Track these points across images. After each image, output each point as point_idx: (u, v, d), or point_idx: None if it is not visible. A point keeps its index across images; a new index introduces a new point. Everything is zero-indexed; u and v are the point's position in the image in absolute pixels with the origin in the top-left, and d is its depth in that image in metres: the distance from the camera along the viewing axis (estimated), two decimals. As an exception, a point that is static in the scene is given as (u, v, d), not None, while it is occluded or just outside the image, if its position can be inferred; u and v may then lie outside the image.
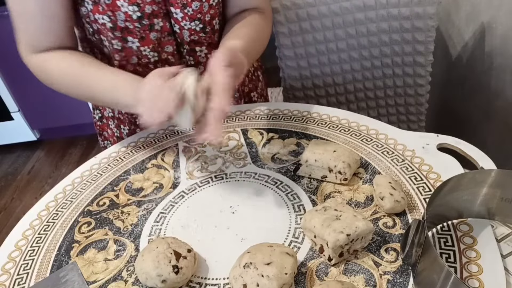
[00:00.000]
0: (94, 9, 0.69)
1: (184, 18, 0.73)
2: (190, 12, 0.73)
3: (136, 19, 0.70)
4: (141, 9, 0.69)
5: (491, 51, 1.01)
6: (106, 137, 0.93)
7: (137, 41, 0.73)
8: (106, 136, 0.93)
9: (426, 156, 0.64)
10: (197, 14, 0.73)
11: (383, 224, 0.55)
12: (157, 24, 0.73)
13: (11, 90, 2.05)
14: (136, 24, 0.71)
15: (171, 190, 0.66)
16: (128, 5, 0.68)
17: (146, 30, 0.72)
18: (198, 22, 0.75)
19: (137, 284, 0.52)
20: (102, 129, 0.92)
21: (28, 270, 0.56)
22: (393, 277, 0.48)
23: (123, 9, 0.68)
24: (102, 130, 0.92)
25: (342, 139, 0.71)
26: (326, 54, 1.07)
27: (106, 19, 0.69)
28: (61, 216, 0.64)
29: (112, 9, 0.68)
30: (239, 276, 0.47)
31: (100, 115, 0.92)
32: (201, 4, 0.72)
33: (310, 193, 0.62)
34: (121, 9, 0.68)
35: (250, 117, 0.81)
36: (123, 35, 0.72)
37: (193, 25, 0.75)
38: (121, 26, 0.71)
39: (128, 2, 0.68)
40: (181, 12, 0.72)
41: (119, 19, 0.69)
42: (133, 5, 0.68)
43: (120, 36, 0.72)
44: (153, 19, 0.72)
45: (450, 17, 1.13)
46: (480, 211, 0.54)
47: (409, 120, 1.16)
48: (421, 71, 1.04)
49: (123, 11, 0.68)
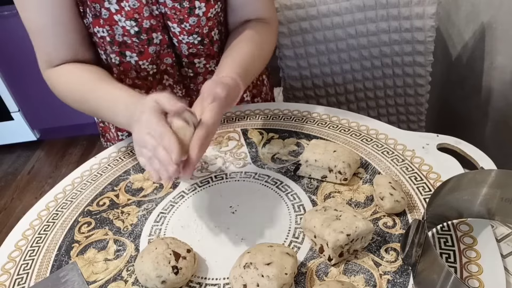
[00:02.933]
0: (94, 22, 0.68)
1: (181, 32, 0.72)
2: (187, 27, 0.72)
3: (134, 34, 0.69)
4: (139, 24, 0.68)
5: (491, 51, 1.01)
6: (109, 139, 0.92)
7: (136, 55, 0.72)
8: (109, 138, 0.92)
9: (426, 156, 0.64)
10: (195, 29, 0.72)
11: (383, 224, 0.55)
12: (156, 38, 0.72)
13: (11, 90, 2.05)
14: (134, 39, 0.70)
15: (171, 190, 0.66)
16: (125, 19, 0.67)
17: (144, 44, 0.71)
18: (196, 36, 0.74)
19: (137, 284, 0.52)
20: (104, 131, 0.92)
21: (28, 270, 0.56)
22: (393, 277, 0.48)
23: (120, 24, 0.68)
24: (105, 131, 0.92)
25: (342, 139, 0.71)
26: (326, 54, 1.06)
27: (105, 33, 0.69)
28: (61, 216, 0.64)
29: (109, 23, 0.68)
30: (239, 276, 0.47)
31: None
32: (198, 19, 0.71)
33: (310, 193, 0.62)
34: (118, 24, 0.68)
35: (250, 117, 0.81)
36: (121, 50, 0.71)
37: (191, 38, 0.74)
38: (119, 40, 0.70)
39: (125, 17, 0.67)
40: (178, 27, 0.71)
41: (117, 33, 0.69)
42: (131, 20, 0.67)
43: (118, 50, 0.71)
44: (152, 34, 0.71)
45: (450, 17, 1.13)
46: (480, 211, 0.54)
47: (409, 120, 1.16)
48: (421, 71, 1.04)
49: (121, 26, 0.68)
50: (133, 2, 0.67)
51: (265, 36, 0.75)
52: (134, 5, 0.67)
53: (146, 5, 0.68)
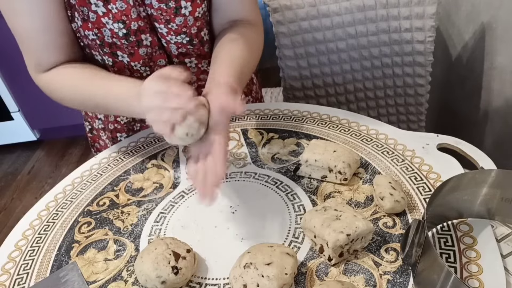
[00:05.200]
0: (83, 25, 0.68)
1: (169, 33, 0.72)
2: (174, 27, 0.71)
3: (122, 36, 0.69)
4: (127, 26, 0.68)
5: (491, 51, 1.01)
6: (99, 148, 0.92)
7: (127, 56, 0.72)
8: (99, 148, 0.92)
9: (426, 156, 0.64)
10: (182, 28, 0.72)
11: (383, 224, 0.55)
12: (146, 40, 0.71)
13: (11, 90, 2.05)
14: (123, 41, 0.69)
15: (171, 190, 0.66)
16: (113, 22, 0.67)
17: (134, 46, 0.71)
18: (184, 36, 0.73)
19: (137, 284, 0.52)
20: (93, 141, 0.92)
21: (28, 270, 0.56)
22: (393, 277, 0.48)
23: (108, 26, 0.67)
24: (94, 141, 0.92)
25: (342, 139, 0.71)
26: (326, 54, 1.06)
27: (94, 36, 0.69)
28: (61, 216, 0.64)
29: (98, 26, 0.67)
30: (239, 276, 0.47)
31: (90, 127, 0.91)
32: (185, 18, 0.71)
33: (310, 193, 0.62)
34: (106, 26, 0.67)
35: (250, 117, 0.81)
36: (112, 50, 0.71)
37: (179, 38, 0.73)
38: (109, 42, 0.69)
39: (113, 20, 0.67)
40: (165, 28, 0.71)
41: (106, 35, 0.68)
42: (118, 22, 0.67)
43: (110, 51, 0.71)
44: (140, 35, 0.70)
45: (450, 17, 1.13)
46: (480, 211, 0.54)
47: (409, 120, 1.16)
48: (421, 71, 1.04)
49: (109, 28, 0.67)
50: (120, 4, 0.66)
51: (253, 38, 0.75)
52: (121, 7, 0.66)
53: (133, 6, 0.67)
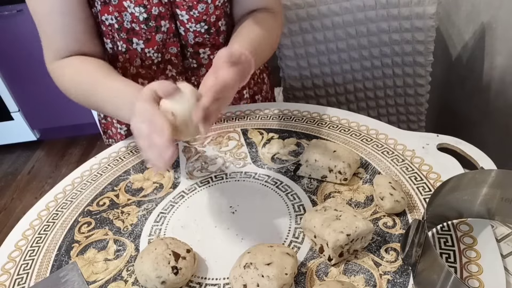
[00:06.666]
0: (103, 9, 0.68)
1: (189, 20, 0.73)
2: (196, 14, 0.72)
3: (142, 20, 0.69)
4: (148, 11, 0.69)
5: (491, 51, 1.01)
6: (111, 135, 0.92)
7: (142, 42, 0.73)
8: (111, 135, 0.92)
9: (426, 156, 0.64)
10: (203, 16, 0.73)
11: (383, 224, 0.55)
12: (164, 26, 0.72)
13: (11, 90, 2.05)
14: (143, 25, 0.70)
15: (171, 190, 0.66)
16: (134, 6, 0.68)
17: (152, 32, 0.72)
18: (203, 24, 0.74)
19: (137, 284, 0.52)
20: (106, 127, 0.92)
21: (28, 270, 0.56)
22: (393, 277, 0.48)
23: (129, 10, 0.68)
24: (107, 128, 0.92)
25: (342, 139, 0.71)
26: (326, 54, 1.07)
27: (113, 20, 0.69)
28: (61, 216, 0.64)
29: (119, 9, 0.68)
30: (239, 276, 0.47)
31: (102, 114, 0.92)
32: (207, 6, 0.72)
33: (310, 193, 0.62)
34: (127, 10, 0.68)
35: (250, 117, 0.81)
36: (129, 37, 0.72)
37: (199, 27, 0.74)
38: (127, 27, 0.70)
39: (134, 3, 0.68)
40: (187, 14, 0.72)
41: (126, 20, 0.69)
42: (140, 6, 0.68)
43: (126, 37, 0.72)
44: (160, 21, 0.71)
45: (450, 17, 1.13)
46: (480, 211, 0.54)
47: (409, 120, 1.16)
48: (421, 71, 1.04)
49: (130, 12, 0.68)
50: None
51: (272, 24, 0.75)
52: None
53: None
